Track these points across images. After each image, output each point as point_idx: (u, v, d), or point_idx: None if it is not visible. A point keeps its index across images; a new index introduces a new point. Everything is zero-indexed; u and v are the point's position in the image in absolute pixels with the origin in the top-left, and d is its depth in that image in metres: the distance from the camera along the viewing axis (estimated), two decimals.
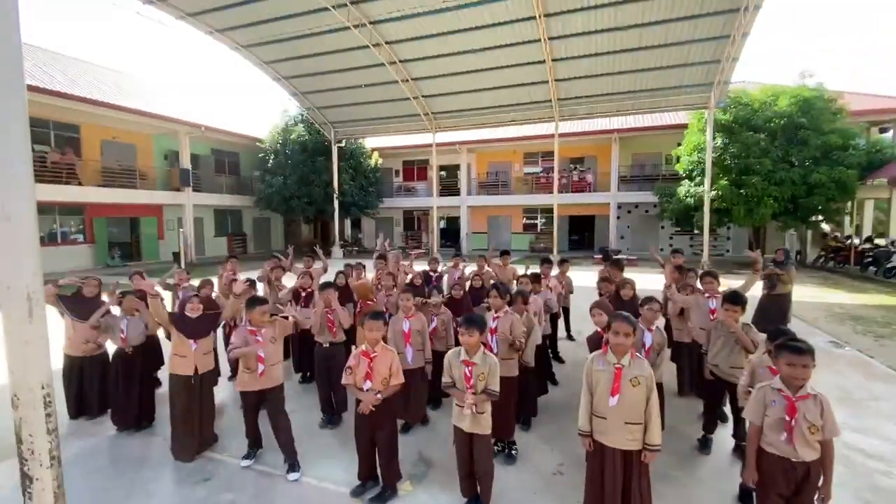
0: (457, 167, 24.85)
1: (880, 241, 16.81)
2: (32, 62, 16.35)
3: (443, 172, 25.91)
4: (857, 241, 17.21)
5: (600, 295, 4.67)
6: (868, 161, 15.09)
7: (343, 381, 3.18)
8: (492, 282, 5.11)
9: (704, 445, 3.82)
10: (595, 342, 3.37)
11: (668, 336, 6.29)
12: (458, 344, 3.16)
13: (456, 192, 24.45)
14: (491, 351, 3.66)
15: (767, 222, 16.13)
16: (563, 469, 3.52)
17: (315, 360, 4.34)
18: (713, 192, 15.60)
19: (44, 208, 16.08)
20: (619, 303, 4.33)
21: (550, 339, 5.72)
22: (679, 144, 18.32)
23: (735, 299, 3.56)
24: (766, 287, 6.75)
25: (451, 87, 17.13)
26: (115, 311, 4.50)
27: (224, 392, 5.17)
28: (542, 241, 23.39)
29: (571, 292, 6.90)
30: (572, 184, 22.69)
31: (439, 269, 6.65)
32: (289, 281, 5.99)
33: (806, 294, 10.73)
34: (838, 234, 19.38)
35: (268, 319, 3.64)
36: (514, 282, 5.66)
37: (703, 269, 6.18)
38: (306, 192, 20.83)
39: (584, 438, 2.68)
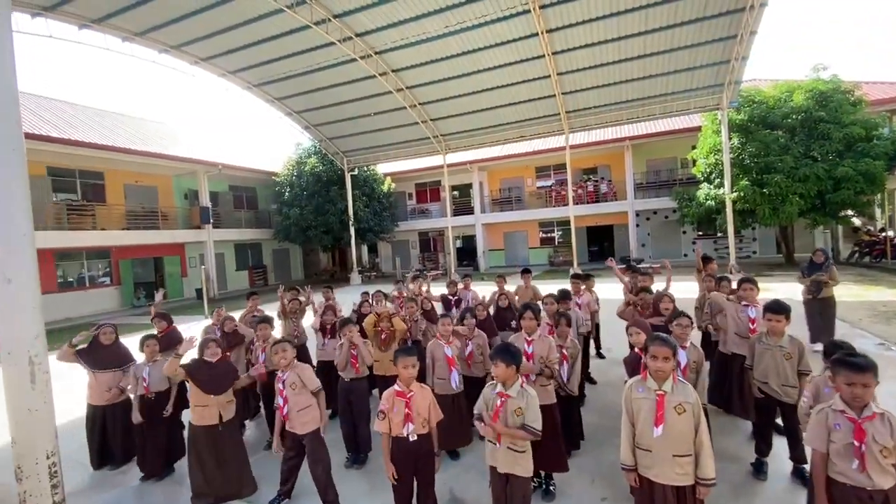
0: (469, 186, 24.89)
1: None
2: (52, 113, 17.18)
3: (455, 192, 25.96)
4: (891, 233, 16.47)
5: (635, 307, 4.42)
6: (895, 151, 14.52)
7: (376, 428, 2.99)
8: (522, 302, 4.91)
9: (759, 470, 3.51)
10: (633, 364, 3.15)
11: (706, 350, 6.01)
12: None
13: (470, 211, 24.42)
14: (527, 378, 3.48)
15: (794, 221, 15.56)
16: None
17: (338, 395, 4.21)
18: (734, 194, 15.18)
19: (72, 254, 16.60)
20: (656, 319, 4.07)
21: (583, 361, 5.47)
22: (694, 147, 18.00)
23: (778, 308, 3.32)
24: (811, 292, 6.42)
25: (458, 109, 17.29)
26: (140, 356, 4.48)
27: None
28: (560, 254, 23.06)
29: (597, 309, 6.66)
30: (588, 194, 22.42)
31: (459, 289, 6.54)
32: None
33: (845, 293, 10.18)
34: (871, 228, 18.60)
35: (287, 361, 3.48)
36: (540, 303, 5.47)
37: (729, 273, 5.92)
38: (322, 221, 21.08)
39: (629, 473, 2.47)
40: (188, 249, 20.60)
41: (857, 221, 18.13)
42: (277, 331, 5.75)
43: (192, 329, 5.93)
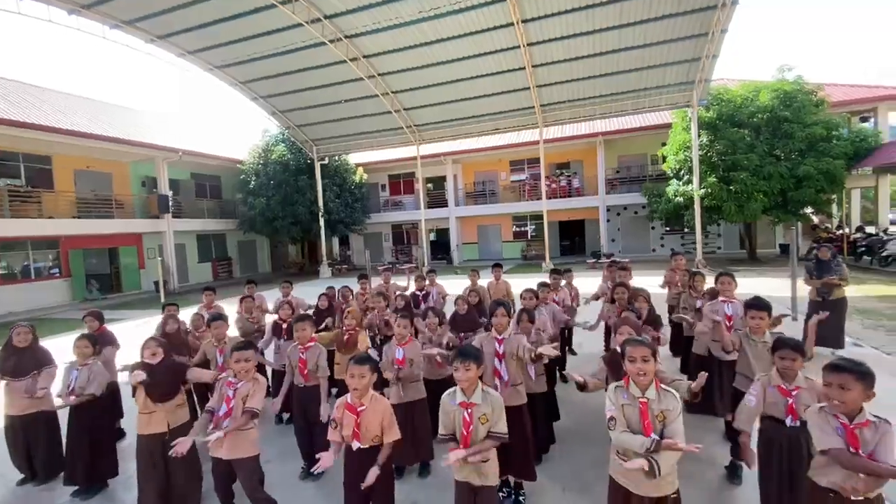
0: (443, 178, 24.58)
1: (871, 230, 16.79)
2: None
3: (429, 185, 25.60)
4: (847, 230, 17.18)
5: (612, 302, 4.23)
6: (854, 151, 15.08)
7: (329, 437, 2.69)
8: (494, 299, 4.65)
9: (734, 474, 3.41)
10: (615, 365, 2.91)
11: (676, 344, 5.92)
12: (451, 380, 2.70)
13: (444, 204, 24.13)
14: (500, 378, 3.24)
15: (759, 218, 16.01)
16: None
17: (292, 401, 3.86)
18: (702, 190, 15.45)
19: (15, 244, 15.41)
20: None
21: (558, 358, 5.30)
22: (664, 144, 18.24)
23: (759, 305, 3.20)
24: (821, 294, 5.94)
25: (432, 99, 16.91)
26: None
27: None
28: (533, 249, 23.10)
29: (578, 304, 6.47)
30: (560, 189, 22.49)
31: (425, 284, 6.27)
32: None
33: (805, 289, 10.46)
34: (828, 226, 19.39)
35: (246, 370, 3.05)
36: (511, 299, 5.25)
37: (696, 268, 5.83)
38: (291, 211, 20.34)
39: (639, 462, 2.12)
40: (146, 240, 19.51)
41: (814, 219, 18.86)
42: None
43: (150, 324, 5.43)
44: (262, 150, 21.52)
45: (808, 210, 16.38)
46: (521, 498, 3.21)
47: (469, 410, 2.45)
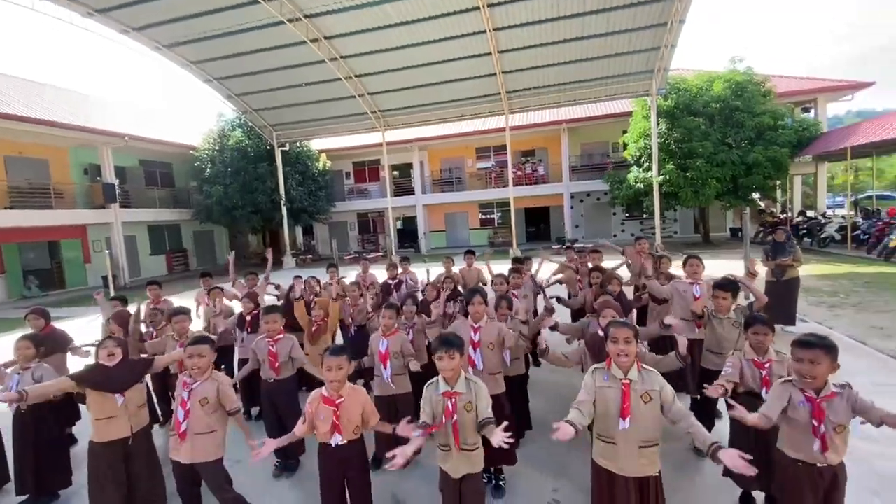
0: (409, 166, 24.28)
1: (811, 214, 17.98)
2: None
3: (395, 172, 25.23)
4: (790, 214, 18.35)
5: (591, 286, 4.30)
6: (797, 139, 16.02)
7: (295, 430, 2.59)
8: (469, 287, 4.61)
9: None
10: (596, 347, 2.95)
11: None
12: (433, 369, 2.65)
13: (410, 192, 23.87)
14: (473, 366, 3.23)
15: (712, 203, 16.80)
16: (558, 496, 3.15)
17: (261, 396, 3.71)
18: (661, 177, 16.01)
19: None
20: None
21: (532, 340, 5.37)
22: (625, 132, 18.74)
23: (726, 285, 3.33)
24: (775, 275, 6.28)
25: (397, 84, 16.55)
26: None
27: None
28: (500, 236, 23.31)
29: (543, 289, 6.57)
30: (526, 176, 22.74)
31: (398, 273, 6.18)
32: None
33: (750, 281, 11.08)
34: (773, 210, 20.62)
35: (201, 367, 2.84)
36: (484, 284, 5.24)
37: (658, 252, 6.00)
38: (250, 200, 19.52)
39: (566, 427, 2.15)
40: (91, 232, 18.23)
41: (761, 204, 19.99)
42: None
43: (96, 323, 5.05)
44: (217, 136, 20.47)
45: (756, 195, 17.34)
46: (500, 482, 3.23)
47: (453, 400, 2.42)
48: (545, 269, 5.92)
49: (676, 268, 4.81)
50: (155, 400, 4.56)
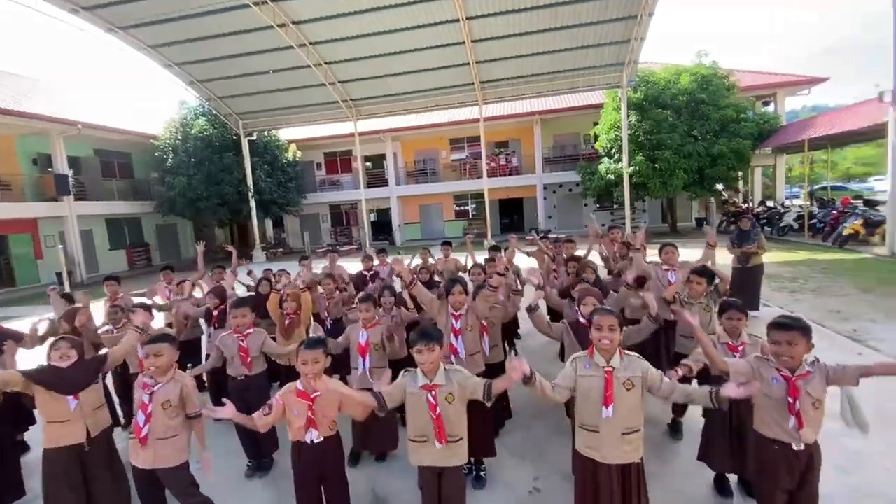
0: (382, 157, 23.95)
1: (771, 204, 18.78)
2: None
3: (369, 163, 24.84)
4: (751, 204, 19.11)
5: (568, 275, 4.32)
6: (758, 132, 16.62)
7: (255, 416, 2.41)
8: (448, 276, 4.55)
9: (676, 430, 3.65)
10: (582, 335, 2.94)
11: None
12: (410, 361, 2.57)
13: (384, 183, 23.56)
14: (456, 354, 3.18)
15: (679, 193, 17.29)
16: (539, 485, 3.14)
17: (230, 395, 3.54)
18: (631, 168, 16.34)
19: None
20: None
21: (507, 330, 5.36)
22: (596, 124, 19.00)
23: (702, 272, 3.40)
24: (740, 262, 6.46)
25: (369, 72, 16.19)
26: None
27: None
28: (475, 227, 23.35)
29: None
30: (500, 167, 22.80)
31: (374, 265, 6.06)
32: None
33: (719, 258, 11.49)
34: (736, 200, 21.43)
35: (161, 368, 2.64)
36: (463, 275, 5.18)
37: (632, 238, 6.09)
38: (216, 191, 18.80)
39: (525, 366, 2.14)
40: (43, 226, 17.15)
41: (724, 194, 20.74)
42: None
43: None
44: (179, 125, 19.56)
45: (720, 186, 17.96)
46: (481, 473, 3.20)
47: (433, 393, 2.35)
48: (519, 259, 5.93)
49: (651, 256, 4.87)
50: (116, 401, 4.32)
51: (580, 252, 5.67)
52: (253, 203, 19.44)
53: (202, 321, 4.62)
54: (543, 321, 3.17)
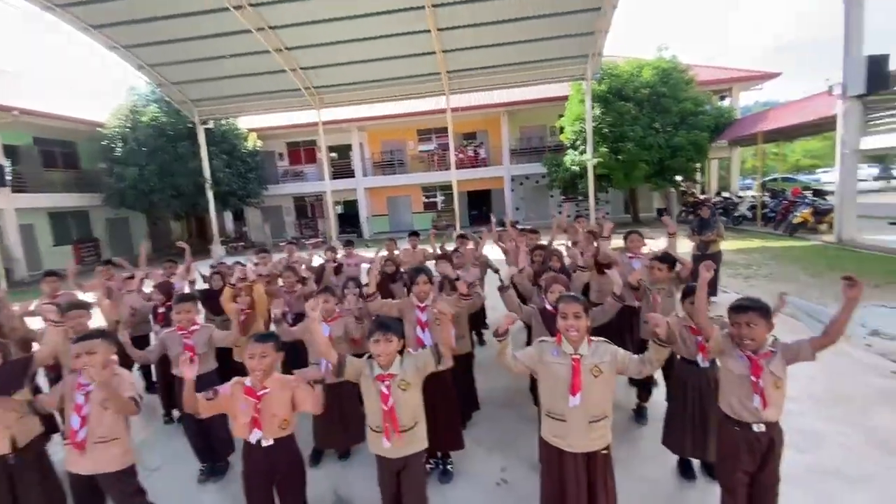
0: (348, 147, 23.40)
1: (726, 195, 19.60)
2: None
3: (334, 154, 24.23)
4: (708, 195, 19.87)
5: (533, 263, 4.28)
6: (715, 124, 17.25)
7: (200, 400, 2.23)
8: (412, 266, 4.42)
9: (640, 415, 3.69)
10: (551, 321, 2.88)
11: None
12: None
13: (350, 174, 23.04)
14: (423, 347, 3.07)
15: (641, 184, 17.77)
16: (507, 476, 3.09)
17: (177, 396, 3.31)
18: (595, 160, 16.62)
19: None
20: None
21: (474, 320, 5.32)
22: (561, 116, 19.21)
23: (665, 258, 3.42)
24: (700, 249, 6.67)
25: (333, 59, 15.67)
26: None
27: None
28: (444, 219, 23.25)
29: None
30: (468, 159, 22.74)
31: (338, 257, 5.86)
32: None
33: (680, 246, 11.87)
34: (694, 191, 22.25)
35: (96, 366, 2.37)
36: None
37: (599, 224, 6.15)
38: (170, 183, 17.85)
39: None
40: None
41: (683, 186, 21.49)
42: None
43: None
44: (129, 111, 18.41)
45: (679, 178, 18.57)
46: (448, 466, 3.13)
47: (386, 382, 2.25)
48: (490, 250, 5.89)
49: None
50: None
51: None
52: (210, 195, 18.58)
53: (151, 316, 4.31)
54: (514, 302, 3.14)
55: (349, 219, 24.17)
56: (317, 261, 6.12)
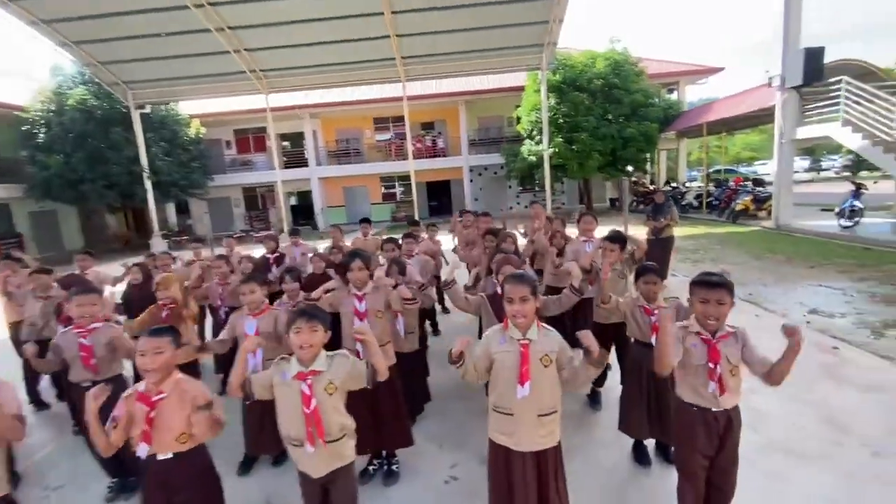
0: (301, 136, 22.45)
1: (674, 184, 20.39)
2: None
3: (286, 143, 23.22)
4: (658, 185, 20.62)
5: (486, 249, 4.09)
6: (664, 117, 17.82)
7: (97, 441, 1.86)
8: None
9: (595, 401, 3.60)
10: (498, 306, 2.67)
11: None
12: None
13: (304, 164, 22.13)
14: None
15: (594, 174, 18.13)
16: (457, 472, 2.89)
17: (78, 406, 2.87)
18: (551, 150, 16.76)
19: None
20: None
21: (427, 310, 5.09)
22: (518, 106, 19.25)
23: (615, 237, 3.32)
24: (654, 233, 6.78)
25: (280, 40, 14.80)
26: None
27: None
28: (402, 210, 22.85)
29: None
30: (426, 149, 22.41)
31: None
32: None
33: (634, 232, 12.18)
34: (644, 181, 23.03)
35: None
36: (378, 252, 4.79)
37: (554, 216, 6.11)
38: (102, 172, 16.42)
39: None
40: None
41: (634, 177, 22.19)
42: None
43: None
44: (53, 94, 16.74)
45: (630, 168, 19.12)
46: (393, 467, 2.88)
47: (309, 381, 1.91)
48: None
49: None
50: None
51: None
52: (149, 185, 17.23)
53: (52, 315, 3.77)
54: (459, 296, 2.91)
55: (303, 210, 23.28)
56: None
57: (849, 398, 3.40)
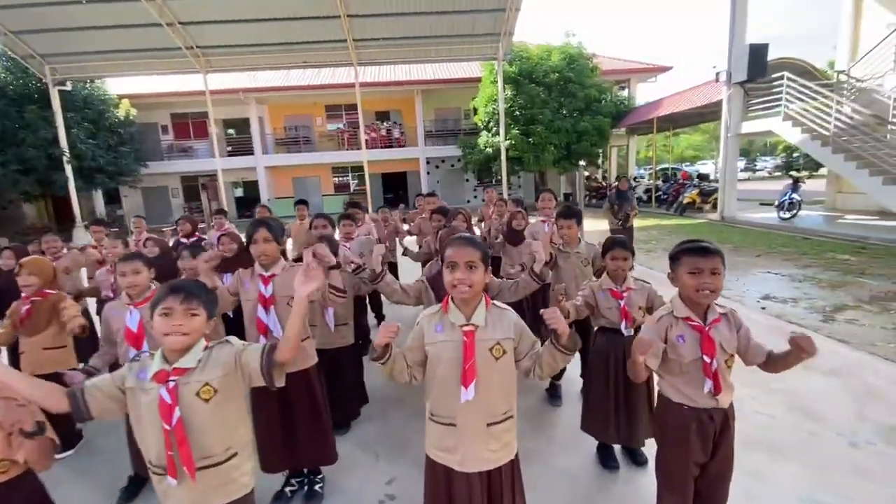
0: (246, 121, 21.07)
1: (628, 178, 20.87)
2: None
3: (231, 130, 21.75)
4: (609, 181, 21.05)
5: (434, 232, 3.65)
6: (616, 113, 18.11)
7: None
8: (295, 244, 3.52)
9: (555, 395, 3.25)
10: (440, 283, 2.19)
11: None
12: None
13: (249, 152, 20.78)
14: (267, 334, 2.21)
15: (550, 167, 18.18)
16: (394, 489, 2.42)
17: None
18: (508, 142, 16.59)
19: None
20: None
21: (372, 296, 4.59)
22: (475, 98, 18.97)
23: (569, 213, 2.98)
24: (620, 221, 6.87)
25: (219, 14, 13.64)
26: None
27: None
28: (356, 202, 21.98)
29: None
30: (381, 139, 21.68)
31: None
32: None
33: (595, 224, 12.20)
34: (597, 176, 23.50)
35: None
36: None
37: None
38: (15, 155, 14.62)
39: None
40: None
41: (587, 171, 22.56)
42: None
43: None
44: None
45: (583, 163, 19.35)
46: (316, 487, 2.36)
47: (171, 384, 1.35)
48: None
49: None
50: None
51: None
52: (70, 170, 15.51)
53: None
54: (394, 288, 2.41)
55: (250, 202, 21.91)
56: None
57: (815, 384, 3.25)
